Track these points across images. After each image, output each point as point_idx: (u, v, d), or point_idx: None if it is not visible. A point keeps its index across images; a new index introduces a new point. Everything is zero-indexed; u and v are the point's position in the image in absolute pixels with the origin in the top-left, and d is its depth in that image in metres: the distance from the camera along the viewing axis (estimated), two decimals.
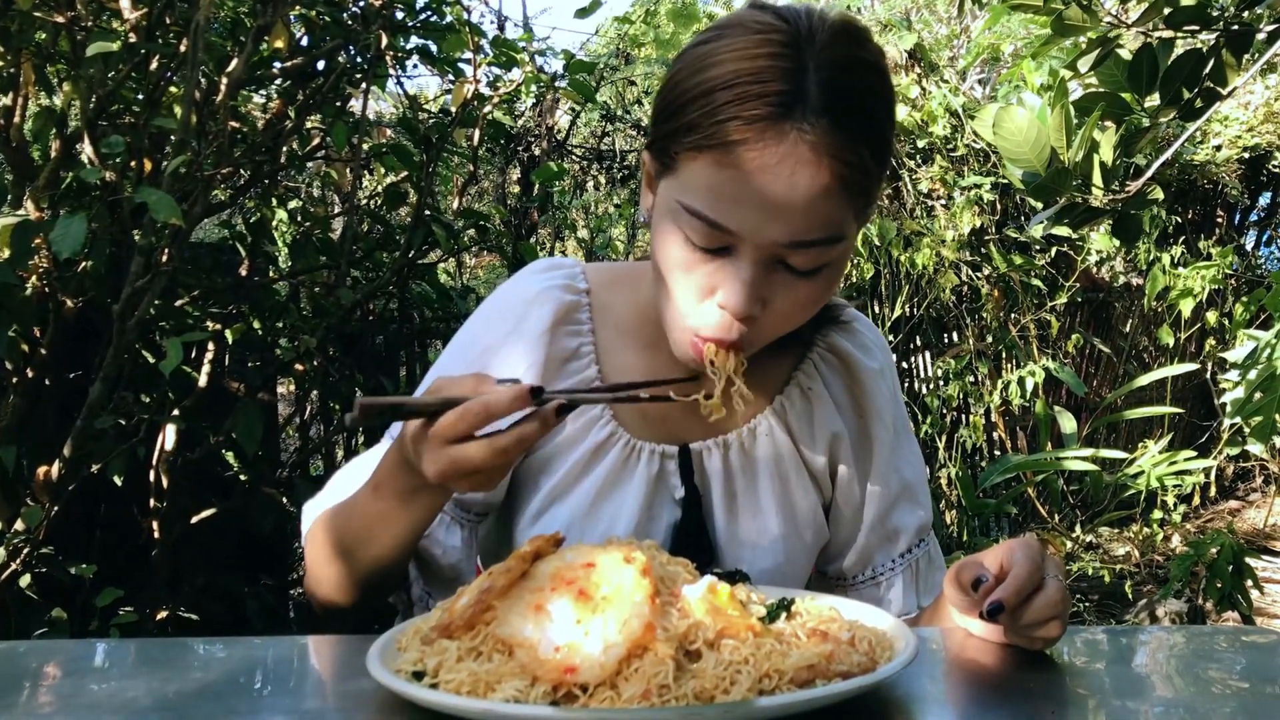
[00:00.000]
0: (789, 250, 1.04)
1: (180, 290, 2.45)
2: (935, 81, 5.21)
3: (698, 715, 0.78)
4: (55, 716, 0.86)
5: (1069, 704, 0.91)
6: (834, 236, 1.05)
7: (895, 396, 1.37)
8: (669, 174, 1.08)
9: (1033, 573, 0.98)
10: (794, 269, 1.06)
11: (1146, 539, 5.18)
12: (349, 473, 1.28)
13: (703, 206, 1.03)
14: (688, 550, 1.23)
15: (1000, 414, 5.21)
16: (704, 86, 1.02)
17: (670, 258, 1.08)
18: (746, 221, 1.02)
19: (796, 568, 1.31)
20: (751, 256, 1.04)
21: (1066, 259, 5.40)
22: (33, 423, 2.18)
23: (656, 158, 1.11)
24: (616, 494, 1.25)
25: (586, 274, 1.33)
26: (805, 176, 1.00)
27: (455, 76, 2.71)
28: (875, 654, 0.88)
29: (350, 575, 1.17)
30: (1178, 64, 2.21)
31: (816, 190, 1.00)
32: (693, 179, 1.04)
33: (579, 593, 0.87)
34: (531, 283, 1.30)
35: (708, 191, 1.03)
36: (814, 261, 1.06)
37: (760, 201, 1.01)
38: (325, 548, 1.18)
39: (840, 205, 1.03)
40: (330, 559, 1.17)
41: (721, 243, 1.05)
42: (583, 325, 1.28)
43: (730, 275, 1.05)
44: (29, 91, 2.24)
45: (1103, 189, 2.42)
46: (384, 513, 1.10)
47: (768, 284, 1.06)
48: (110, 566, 2.36)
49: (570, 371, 1.26)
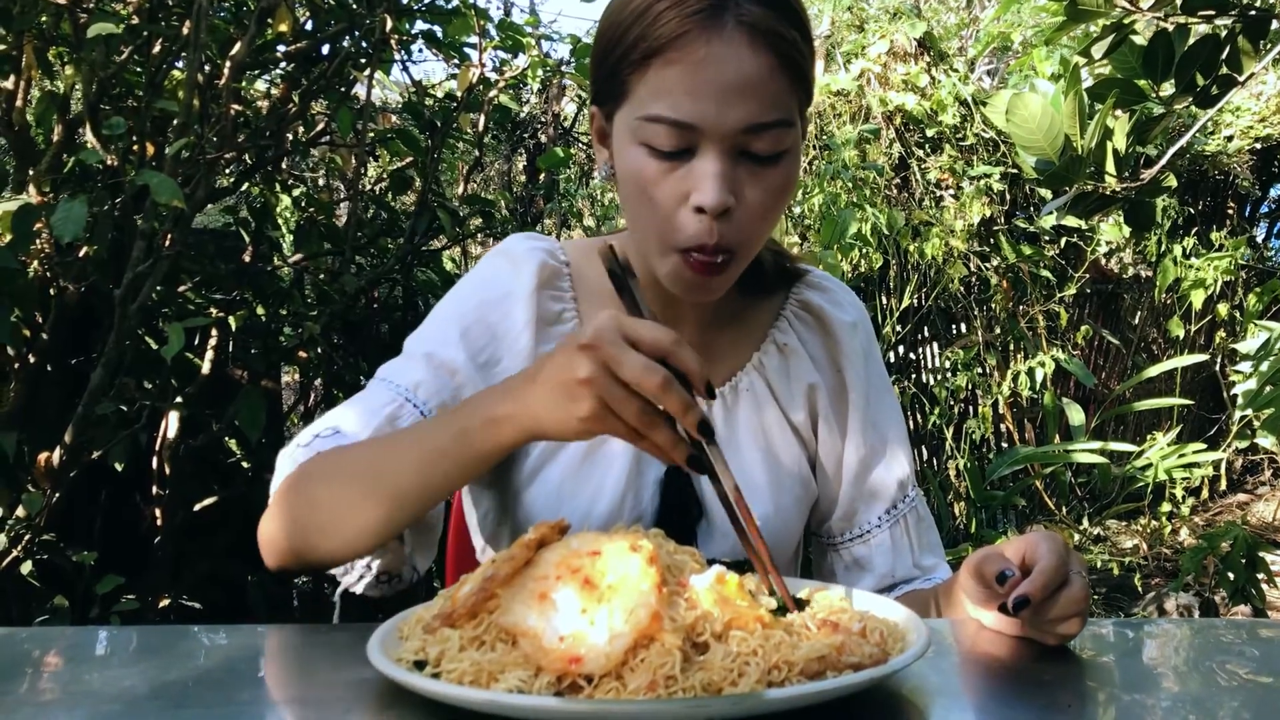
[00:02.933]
0: (749, 136, 1.09)
1: (183, 276, 2.43)
2: (945, 70, 5.17)
3: (704, 707, 0.76)
4: (53, 704, 0.85)
5: (1086, 696, 0.89)
6: (786, 120, 1.11)
7: (870, 351, 1.39)
8: (622, 103, 1.13)
9: (1059, 568, 0.97)
10: (756, 156, 1.11)
11: (1155, 532, 5.15)
12: (340, 415, 1.22)
13: (662, 109, 1.08)
14: (675, 504, 1.26)
15: (1008, 406, 5.19)
16: (639, 7, 1.09)
17: (638, 178, 1.12)
18: (706, 113, 1.07)
19: (786, 520, 1.32)
20: (715, 149, 1.09)
21: (1076, 250, 5.36)
22: (34, 409, 2.16)
23: (606, 103, 1.17)
24: (605, 451, 1.25)
25: (564, 248, 1.36)
26: (750, 58, 1.07)
27: (461, 61, 2.68)
28: (887, 645, 0.86)
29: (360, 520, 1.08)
30: (1194, 50, 2.18)
31: (764, 70, 1.08)
32: (646, 90, 1.09)
33: (584, 581, 0.85)
34: (517, 245, 1.32)
35: (663, 94, 1.08)
36: (774, 146, 1.11)
37: (714, 90, 1.06)
38: (334, 487, 1.10)
39: (786, 87, 1.10)
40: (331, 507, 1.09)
41: (685, 142, 1.09)
42: (564, 292, 1.31)
43: (699, 174, 1.09)
44: (32, 75, 2.22)
45: (1115, 177, 2.39)
46: (443, 447, 1.03)
47: (735, 178, 1.10)
48: (113, 554, 2.35)
49: (554, 335, 1.28)
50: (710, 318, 1.33)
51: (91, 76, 2.06)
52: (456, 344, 1.24)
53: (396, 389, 1.22)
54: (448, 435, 1.03)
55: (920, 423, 5.08)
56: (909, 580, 1.36)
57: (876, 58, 4.99)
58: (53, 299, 2.18)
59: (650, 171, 1.11)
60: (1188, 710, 0.86)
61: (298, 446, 1.19)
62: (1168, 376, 5.68)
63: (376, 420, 1.19)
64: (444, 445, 1.03)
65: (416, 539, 1.21)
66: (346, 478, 1.10)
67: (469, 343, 1.25)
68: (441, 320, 1.29)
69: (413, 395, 1.21)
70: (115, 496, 2.54)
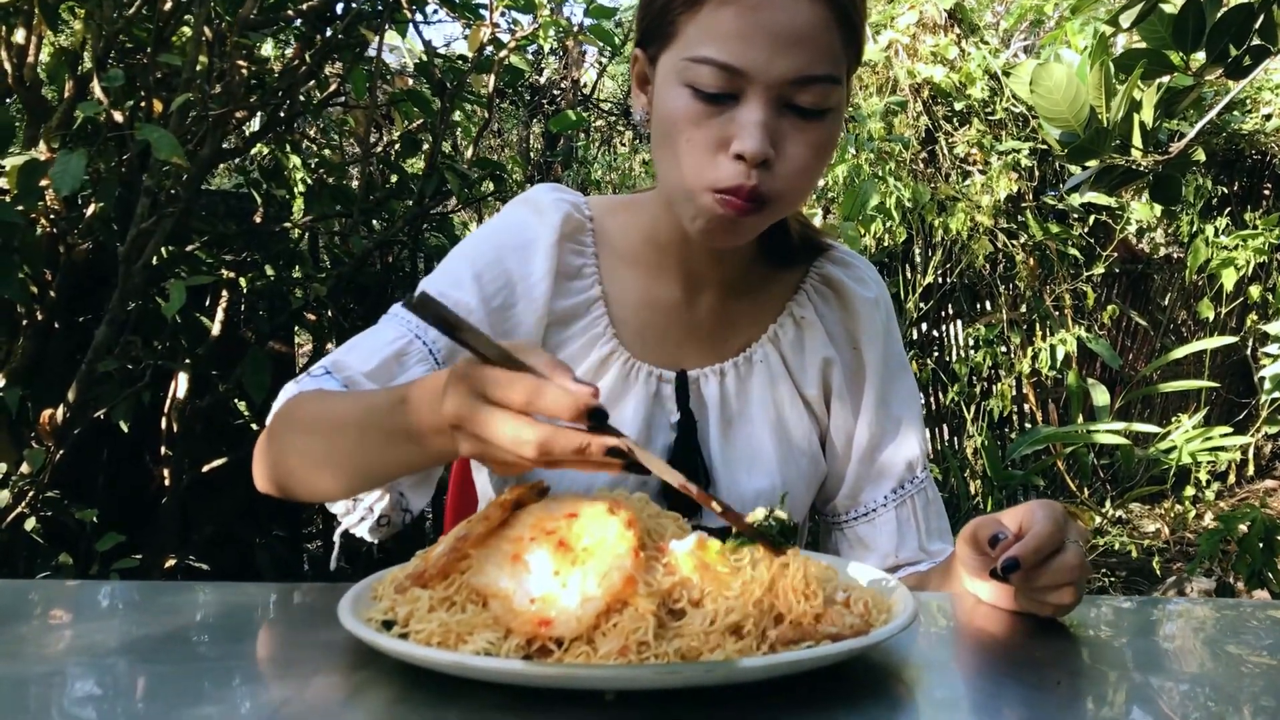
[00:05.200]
0: (795, 88, 1.07)
1: (193, 236, 2.41)
2: (975, 43, 5.08)
3: (675, 674, 0.73)
4: (15, 657, 0.83)
5: (1079, 674, 0.86)
6: (834, 76, 1.09)
7: (890, 329, 1.37)
8: (669, 44, 1.11)
9: (1054, 534, 0.94)
10: (801, 110, 1.08)
11: (1178, 516, 5.09)
12: (349, 347, 1.22)
13: (711, 52, 1.06)
14: (682, 472, 1.21)
15: (1031, 385, 5.12)
16: None
17: (679, 118, 1.09)
18: (755, 59, 1.05)
19: (793, 494, 1.30)
20: (761, 98, 1.07)
21: (1105, 228, 5.27)
22: (41, 366, 2.16)
23: (651, 44, 1.15)
24: (617, 410, 1.25)
25: (589, 203, 1.34)
26: (805, 9, 1.05)
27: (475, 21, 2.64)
28: (871, 617, 0.83)
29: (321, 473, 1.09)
30: (1225, 19, 2.12)
31: (816, 21, 1.06)
32: (697, 31, 1.07)
33: (559, 543, 0.83)
34: (544, 195, 1.31)
35: (714, 36, 1.06)
36: (819, 100, 1.09)
37: (765, 37, 1.05)
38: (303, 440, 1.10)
39: (837, 43, 1.09)
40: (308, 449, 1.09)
41: (731, 87, 1.07)
42: (586, 247, 1.29)
43: (742, 120, 1.07)
44: (41, 31, 2.21)
45: (1142, 150, 2.33)
46: (366, 445, 1.02)
47: (778, 129, 1.08)
48: (121, 513, 2.35)
49: (573, 290, 1.27)
50: (731, 287, 1.31)
51: (99, 31, 2.04)
52: (470, 285, 1.23)
53: (406, 325, 1.22)
54: (393, 439, 0.98)
55: (940, 400, 5.03)
56: (914, 564, 1.33)
57: (905, 29, 4.91)
58: (62, 256, 2.18)
59: (693, 113, 1.09)
60: (1180, 689, 0.83)
61: (299, 380, 1.20)
62: (1196, 359, 5.59)
63: (383, 355, 1.19)
64: (389, 448, 0.99)
65: (410, 482, 1.19)
66: (314, 435, 1.09)
67: (482, 286, 1.23)
68: (457, 262, 1.27)
69: (423, 334, 1.21)
70: (125, 457, 2.54)
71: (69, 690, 0.78)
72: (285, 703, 0.74)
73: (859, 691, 0.79)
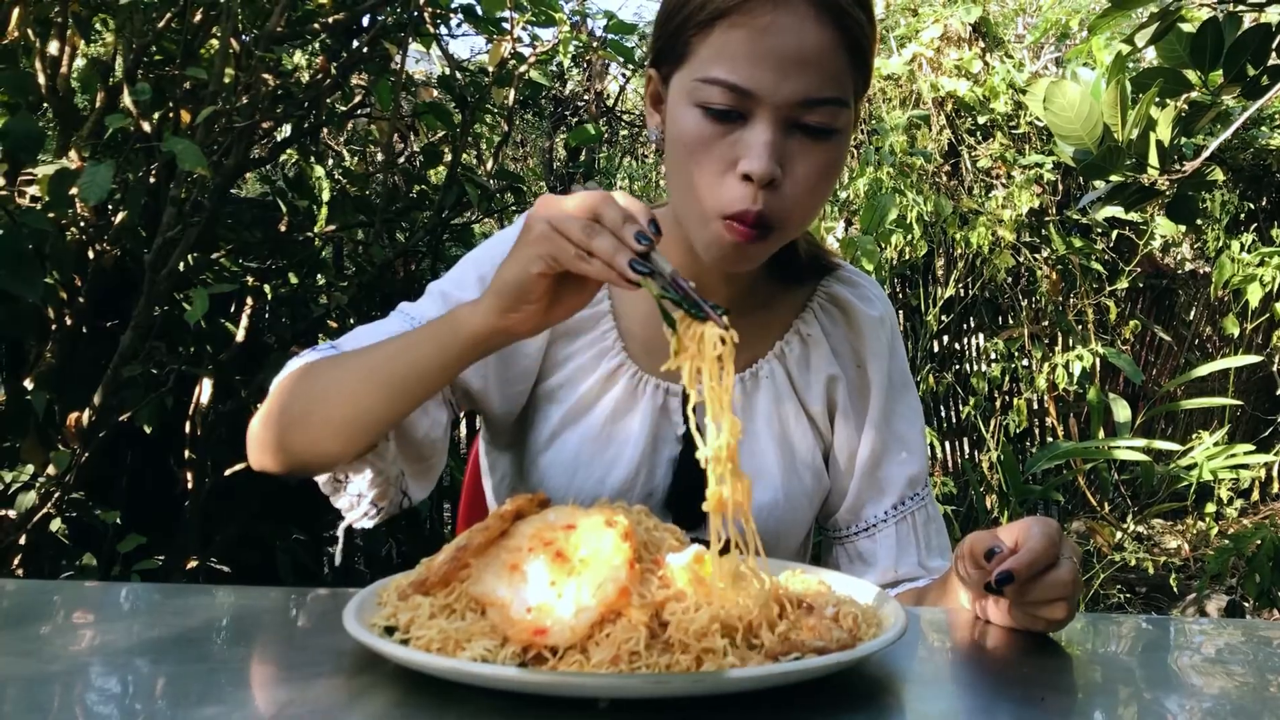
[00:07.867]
0: (803, 110, 1.09)
1: (220, 244, 2.46)
2: (1000, 56, 5.07)
3: (664, 684, 0.76)
4: (27, 657, 0.86)
5: (1061, 690, 0.88)
6: (842, 98, 1.11)
7: (895, 348, 1.39)
8: (682, 65, 1.13)
9: (1048, 549, 0.96)
10: (809, 130, 1.11)
11: (1200, 533, 5.05)
12: (351, 335, 1.27)
13: (721, 72, 1.08)
14: (686, 484, 1.27)
15: (1052, 400, 5.10)
16: None
17: (689, 138, 1.12)
18: (764, 80, 1.07)
19: (796, 508, 1.32)
20: (769, 119, 1.09)
21: (1129, 243, 5.25)
22: (70, 370, 2.21)
23: (665, 64, 1.17)
24: (625, 422, 1.28)
25: None
26: (813, 31, 1.08)
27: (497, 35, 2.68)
28: (860, 631, 0.85)
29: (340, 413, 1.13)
30: (1243, 39, 2.12)
31: (825, 44, 1.08)
32: (708, 53, 1.10)
33: (556, 554, 0.85)
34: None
35: (724, 57, 1.09)
36: (827, 121, 1.11)
37: (775, 58, 1.07)
38: (321, 381, 1.15)
39: (845, 66, 1.11)
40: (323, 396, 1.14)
41: (740, 108, 1.09)
42: None
43: (748, 141, 1.09)
44: (74, 41, 2.26)
45: (1159, 169, 2.33)
46: (420, 340, 1.10)
47: (785, 150, 1.10)
48: (145, 515, 2.39)
49: None
50: (738, 303, 1.32)
51: (129, 43, 2.09)
52: (473, 287, 1.26)
53: (408, 319, 1.26)
54: (435, 325, 1.08)
55: (959, 414, 5.02)
56: (913, 579, 1.34)
57: (929, 42, 4.91)
58: (91, 263, 2.22)
59: (703, 133, 1.11)
60: (1164, 707, 0.84)
61: (303, 354, 1.23)
62: (1220, 376, 5.55)
63: (383, 339, 1.22)
64: (431, 331, 1.09)
65: (411, 466, 1.23)
66: (337, 371, 1.14)
67: (484, 288, 1.26)
68: (465, 266, 1.31)
69: None
70: (149, 460, 2.59)
71: (81, 689, 0.81)
72: (289, 704, 0.77)
73: (850, 705, 0.81)
